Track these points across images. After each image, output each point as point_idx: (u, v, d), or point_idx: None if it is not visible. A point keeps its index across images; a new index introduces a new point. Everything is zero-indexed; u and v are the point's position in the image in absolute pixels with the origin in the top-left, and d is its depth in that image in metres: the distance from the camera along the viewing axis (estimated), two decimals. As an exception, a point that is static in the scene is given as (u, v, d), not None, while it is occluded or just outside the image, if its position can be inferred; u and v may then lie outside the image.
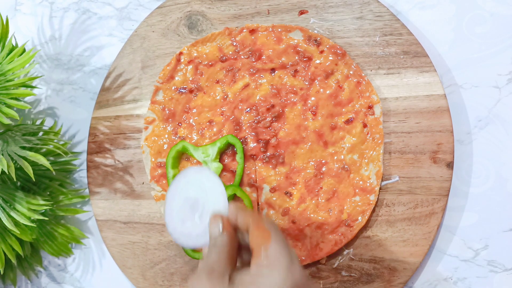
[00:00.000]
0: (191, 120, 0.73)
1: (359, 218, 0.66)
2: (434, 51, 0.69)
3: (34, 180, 0.68)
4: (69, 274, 0.80)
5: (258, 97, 0.70)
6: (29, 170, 0.65)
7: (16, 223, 0.68)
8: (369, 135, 0.67)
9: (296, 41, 0.70)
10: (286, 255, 0.48)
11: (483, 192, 0.66)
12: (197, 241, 0.62)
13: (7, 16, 0.72)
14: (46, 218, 0.71)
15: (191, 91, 0.73)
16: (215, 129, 0.71)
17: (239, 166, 0.69)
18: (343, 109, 0.68)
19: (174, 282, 0.72)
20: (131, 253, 0.74)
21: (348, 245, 0.67)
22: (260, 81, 0.71)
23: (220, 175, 0.70)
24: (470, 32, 0.68)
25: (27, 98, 0.84)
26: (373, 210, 0.66)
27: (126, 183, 0.76)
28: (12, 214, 0.68)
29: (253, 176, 0.70)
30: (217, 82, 0.72)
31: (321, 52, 0.69)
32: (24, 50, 0.72)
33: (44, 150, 0.75)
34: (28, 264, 0.80)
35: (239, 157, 0.69)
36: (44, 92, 0.84)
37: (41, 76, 0.77)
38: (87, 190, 0.80)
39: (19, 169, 0.71)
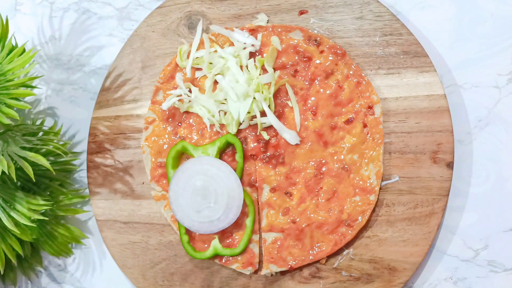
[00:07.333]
0: (191, 120, 0.72)
1: (359, 218, 0.66)
2: (434, 51, 0.69)
3: (34, 180, 0.68)
4: (69, 274, 0.80)
5: (258, 97, 0.70)
6: (29, 170, 0.65)
7: (16, 223, 0.68)
8: (369, 135, 0.67)
9: (296, 41, 0.70)
10: None
11: (483, 192, 0.66)
12: (220, 223, 0.67)
13: (7, 16, 0.72)
14: (46, 218, 0.71)
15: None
16: (215, 129, 0.71)
17: (238, 165, 0.69)
18: (343, 109, 0.68)
19: (174, 282, 0.72)
20: (131, 253, 0.74)
21: (348, 245, 0.67)
22: (260, 81, 0.71)
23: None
24: (471, 32, 0.68)
25: (27, 98, 0.84)
26: (373, 210, 0.66)
27: (126, 183, 0.76)
28: (12, 214, 0.68)
29: (253, 178, 0.70)
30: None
31: (321, 52, 0.69)
32: (24, 50, 0.72)
33: (44, 150, 0.75)
34: (28, 264, 0.80)
35: (238, 156, 0.69)
36: (44, 92, 0.84)
37: (41, 76, 0.77)
38: (87, 190, 0.80)
39: (19, 169, 0.71)
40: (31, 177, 0.66)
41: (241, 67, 0.70)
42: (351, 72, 0.68)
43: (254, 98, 0.68)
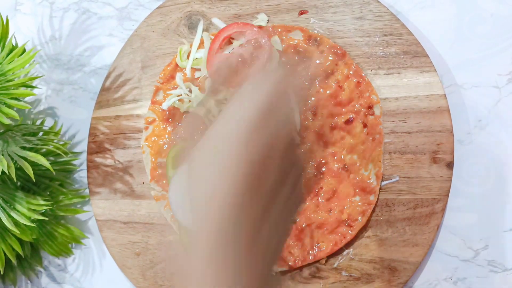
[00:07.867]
0: (191, 120, 0.73)
1: (359, 218, 0.66)
2: (434, 51, 0.69)
3: (34, 180, 0.68)
4: (69, 274, 0.80)
5: (258, 97, 0.70)
6: (29, 170, 0.65)
7: (16, 223, 0.68)
8: (369, 135, 0.67)
9: (296, 41, 0.70)
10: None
11: (483, 192, 0.66)
12: None
13: (7, 16, 0.72)
14: (46, 218, 0.71)
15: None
16: (215, 129, 0.71)
17: (239, 166, 0.69)
18: (343, 109, 0.68)
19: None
20: (131, 253, 0.74)
21: (348, 245, 0.67)
22: (260, 81, 0.71)
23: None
24: (471, 32, 0.68)
25: (27, 98, 0.84)
26: (373, 210, 0.66)
27: (126, 183, 0.76)
28: (12, 214, 0.68)
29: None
30: (217, 82, 0.72)
31: (321, 52, 0.69)
32: (24, 50, 0.72)
33: (44, 150, 0.75)
34: (28, 264, 0.80)
35: (239, 157, 0.69)
36: (44, 92, 0.84)
37: (41, 76, 0.77)
38: (87, 190, 0.80)
39: (19, 169, 0.71)
40: (31, 177, 0.66)
41: (241, 67, 0.70)
42: (351, 72, 0.68)
43: (254, 98, 0.68)
